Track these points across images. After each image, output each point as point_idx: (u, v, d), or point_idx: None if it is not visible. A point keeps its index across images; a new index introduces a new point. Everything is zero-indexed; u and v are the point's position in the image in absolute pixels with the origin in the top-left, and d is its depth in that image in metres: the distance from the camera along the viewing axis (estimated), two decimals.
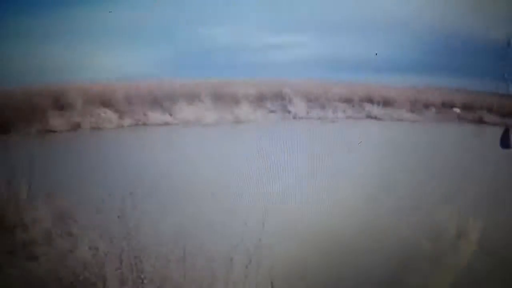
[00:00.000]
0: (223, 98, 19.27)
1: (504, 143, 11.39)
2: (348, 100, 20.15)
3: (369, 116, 19.98)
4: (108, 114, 17.40)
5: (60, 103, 17.13)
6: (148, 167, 11.00)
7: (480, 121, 19.01)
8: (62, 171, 8.61)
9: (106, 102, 17.94)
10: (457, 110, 19.92)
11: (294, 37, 18.10)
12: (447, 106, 20.20)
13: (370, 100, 20.29)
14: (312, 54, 17.88)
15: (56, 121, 16.29)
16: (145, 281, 5.10)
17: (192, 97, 19.25)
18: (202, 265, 5.48)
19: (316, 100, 19.63)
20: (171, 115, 18.69)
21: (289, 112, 19.59)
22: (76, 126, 16.60)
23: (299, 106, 19.64)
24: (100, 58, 17.87)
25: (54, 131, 15.98)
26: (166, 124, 18.26)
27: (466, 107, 19.75)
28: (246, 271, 5.60)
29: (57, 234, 6.34)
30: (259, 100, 19.70)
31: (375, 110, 20.15)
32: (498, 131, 11.67)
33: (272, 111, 19.61)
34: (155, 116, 18.41)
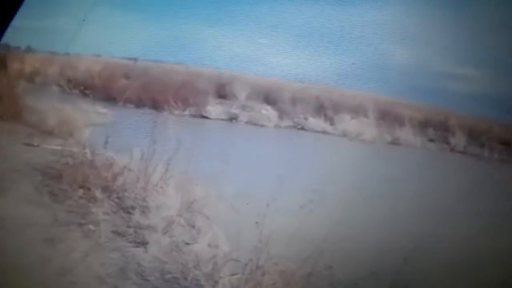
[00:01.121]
0: (388, 117, 18.34)
1: None
2: (508, 143, 18.03)
3: None
4: (269, 112, 17.31)
5: (223, 92, 17.56)
6: (301, 176, 10.42)
7: None
8: (206, 160, 8.40)
9: (270, 99, 17.98)
10: None
11: (470, 70, 17.32)
12: None
13: None
14: (483, 90, 16.86)
15: (213, 108, 16.69)
16: None
17: (357, 110, 18.64)
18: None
19: (477, 138, 18.31)
20: (332, 124, 18.18)
21: (448, 143, 18.45)
22: (233, 118, 16.82)
23: (459, 140, 18.41)
24: (276, 54, 17.93)
25: (209, 118, 16.46)
26: (324, 132, 17.77)
27: None
28: None
29: (179, 224, 6.08)
30: (422, 126, 18.64)
31: None
32: None
33: (431, 140, 18.47)
34: (316, 122, 18.01)
